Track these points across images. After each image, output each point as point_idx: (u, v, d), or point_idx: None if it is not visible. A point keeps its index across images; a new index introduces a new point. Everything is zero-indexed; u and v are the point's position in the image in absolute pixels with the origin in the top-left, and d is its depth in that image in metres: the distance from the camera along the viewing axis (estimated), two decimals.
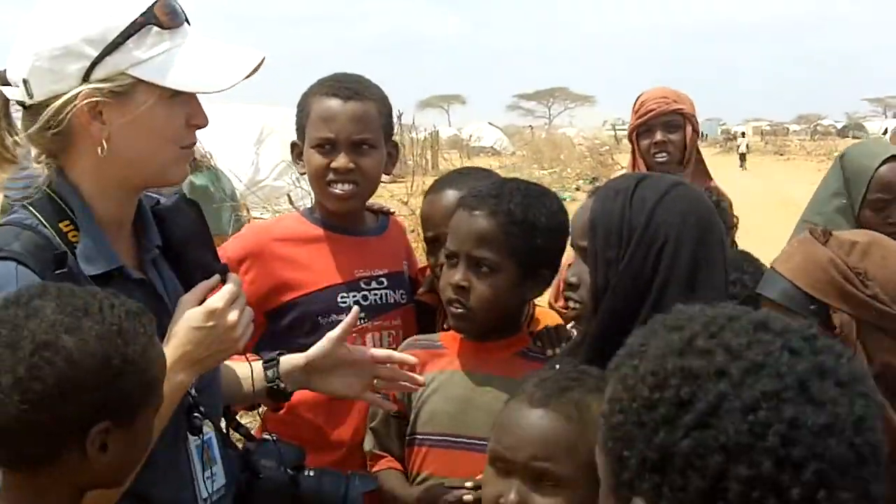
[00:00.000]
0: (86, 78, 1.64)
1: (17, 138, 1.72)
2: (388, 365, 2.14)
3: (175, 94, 1.68)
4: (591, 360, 1.77)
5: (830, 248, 1.83)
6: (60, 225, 1.69)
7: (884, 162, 3.02)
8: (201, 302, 1.74)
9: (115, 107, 1.66)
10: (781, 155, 51.13)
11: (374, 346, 2.38)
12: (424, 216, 2.53)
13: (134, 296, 1.60)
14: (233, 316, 1.73)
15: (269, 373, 2.04)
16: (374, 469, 2.28)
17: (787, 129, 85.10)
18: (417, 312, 2.56)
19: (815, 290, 1.80)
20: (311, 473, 2.00)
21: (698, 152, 3.91)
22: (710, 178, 3.94)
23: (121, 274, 1.71)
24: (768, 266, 2.05)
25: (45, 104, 1.66)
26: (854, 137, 48.29)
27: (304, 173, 2.54)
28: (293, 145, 2.57)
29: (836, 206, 3.14)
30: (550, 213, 2.21)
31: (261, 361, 2.07)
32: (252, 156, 14.97)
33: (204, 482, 1.79)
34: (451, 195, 2.41)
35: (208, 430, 1.81)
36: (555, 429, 1.69)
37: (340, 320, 2.16)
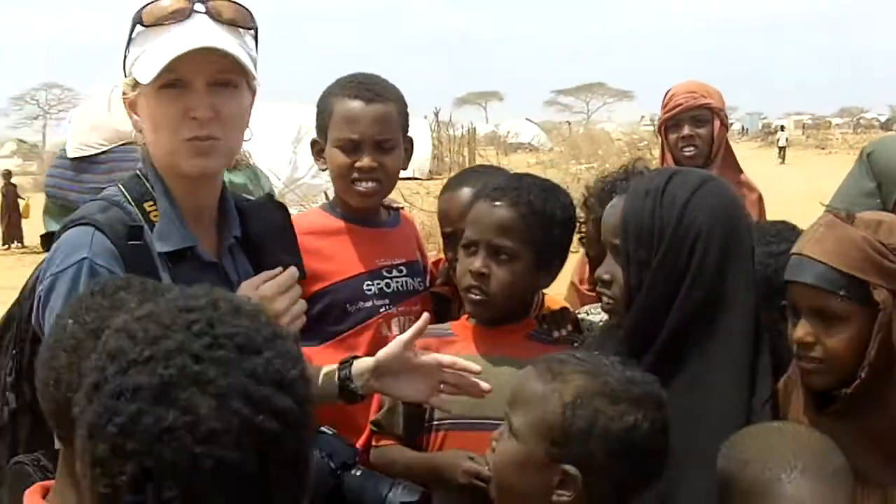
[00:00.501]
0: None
1: None
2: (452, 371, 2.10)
3: (162, 86, 1.81)
4: (623, 355, 1.77)
5: (858, 228, 1.84)
6: (145, 205, 1.86)
7: None
8: None
9: (137, 100, 1.86)
10: (823, 149, 50.22)
11: (400, 330, 2.44)
12: (441, 212, 2.63)
13: (204, 277, 1.75)
14: (280, 304, 1.84)
15: (343, 372, 2.05)
16: (381, 443, 2.32)
17: (830, 122, 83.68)
18: (434, 303, 2.63)
19: (853, 269, 1.79)
20: (359, 472, 2.05)
21: (728, 146, 3.92)
22: (741, 172, 3.94)
23: (194, 255, 1.85)
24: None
25: None
26: None
27: (325, 169, 2.63)
28: (314, 142, 2.64)
29: (867, 207, 3.07)
30: (564, 206, 2.33)
31: (337, 363, 2.10)
32: (290, 154, 15.09)
33: None
34: (466, 192, 2.51)
35: None
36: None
37: (367, 307, 2.29)
